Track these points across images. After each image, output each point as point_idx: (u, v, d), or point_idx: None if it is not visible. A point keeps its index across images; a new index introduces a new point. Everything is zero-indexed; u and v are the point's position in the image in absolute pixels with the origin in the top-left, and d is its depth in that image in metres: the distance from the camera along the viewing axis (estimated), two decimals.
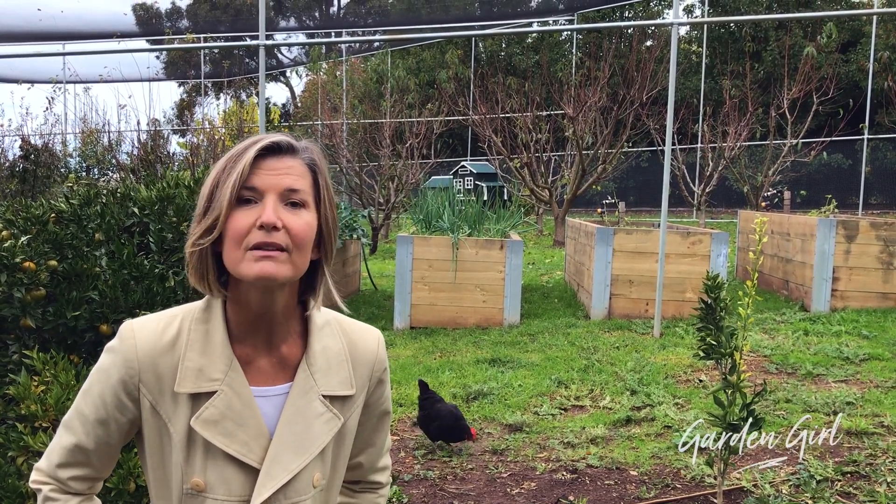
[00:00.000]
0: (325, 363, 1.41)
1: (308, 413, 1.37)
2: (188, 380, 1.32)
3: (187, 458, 1.33)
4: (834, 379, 5.67)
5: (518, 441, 4.70)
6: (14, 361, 2.48)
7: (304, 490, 1.37)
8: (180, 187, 2.87)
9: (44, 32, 18.79)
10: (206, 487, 1.33)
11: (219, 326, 1.35)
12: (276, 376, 1.39)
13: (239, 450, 1.33)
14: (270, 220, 1.27)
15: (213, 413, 1.32)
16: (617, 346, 6.86)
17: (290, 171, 1.32)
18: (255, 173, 1.30)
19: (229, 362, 1.34)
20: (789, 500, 3.77)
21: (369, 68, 27.12)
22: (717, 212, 21.94)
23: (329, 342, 1.43)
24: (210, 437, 1.31)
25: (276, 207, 1.29)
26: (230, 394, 1.33)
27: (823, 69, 15.66)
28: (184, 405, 1.33)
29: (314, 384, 1.39)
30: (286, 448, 1.35)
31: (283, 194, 1.30)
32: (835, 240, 7.87)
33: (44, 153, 11.32)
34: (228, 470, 1.33)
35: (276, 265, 1.27)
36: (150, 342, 1.34)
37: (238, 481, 1.34)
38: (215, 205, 1.30)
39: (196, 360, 1.33)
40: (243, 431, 1.33)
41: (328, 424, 1.39)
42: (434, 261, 7.79)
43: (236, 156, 1.31)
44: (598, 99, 14.64)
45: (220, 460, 1.33)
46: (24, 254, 2.50)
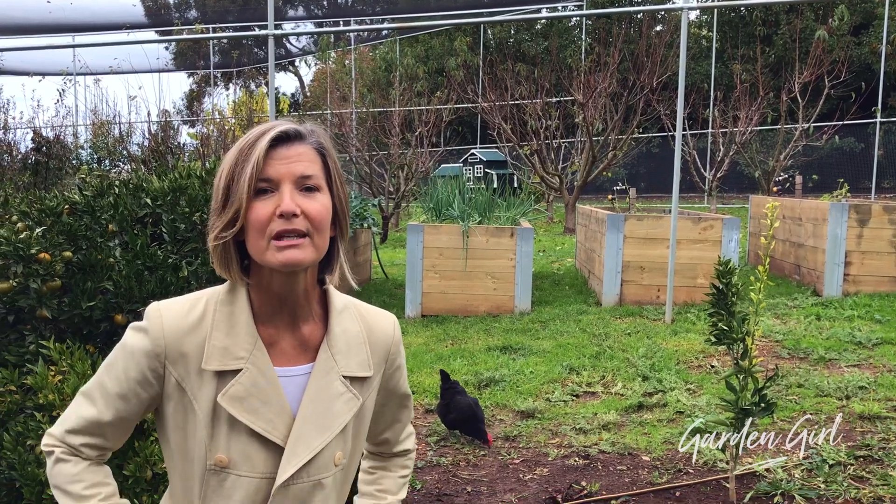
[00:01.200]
0: (345, 345, 1.45)
1: (329, 392, 1.42)
2: (214, 358, 1.36)
3: (212, 434, 1.36)
4: (846, 363, 5.66)
5: (530, 427, 4.72)
6: (31, 352, 2.51)
7: (325, 468, 1.41)
8: (192, 178, 2.89)
9: (54, 25, 18.84)
10: (229, 464, 1.36)
11: (244, 308, 1.39)
12: (297, 357, 1.43)
13: (264, 427, 1.36)
14: (290, 209, 1.31)
15: (238, 390, 1.35)
16: (628, 332, 6.86)
17: (301, 158, 1.36)
18: (268, 164, 1.33)
19: (254, 342, 1.38)
20: (802, 484, 3.77)
21: (378, 57, 27.10)
22: (729, 197, 21.85)
23: (348, 325, 1.47)
24: (236, 413, 1.35)
25: (293, 194, 1.33)
26: (255, 372, 1.37)
27: (835, 52, 15.54)
28: (209, 382, 1.36)
29: (335, 365, 1.43)
30: (309, 426, 1.39)
31: (297, 181, 1.34)
32: (847, 224, 7.84)
33: (55, 145, 11.37)
34: (252, 447, 1.36)
35: (300, 251, 1.32)
36: (175, 321, 1.38)
37: (261, 458, 1.37)
38: (233, 198, 1.33)
39: (221, 339, 1.37)
40: (268, 409, 1.37)
41: (348, 404, 1.44)
42: (444, 249, 7.80)
43: (248, 148, 1.34)
44: (608, 85, 14.59)
45: (244, 437, 1.36)
46: (39, 245, 2.53)
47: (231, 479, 1.37)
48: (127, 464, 2.30)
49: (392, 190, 15.12)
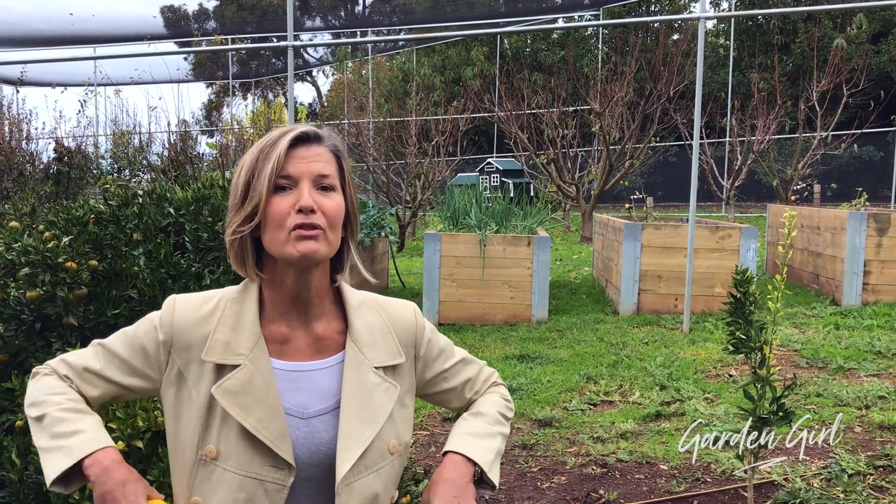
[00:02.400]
0: (370, 337, 1.49)
1: (366, 385, 1.45)
2: (215, 351, 1.41)
3: (205, 426, 1.40)
4: (865, 373, 5.63)
5: (548, 436, 4.73)
6: None
7: (382, 457, 1.45)
8: (215, 188, 2.93)
9: (76, 36, 19.08)
10: (217, 456, 1.39)
11: (251, 307, 1.45)
12: (312, 354, 1.47)
13: (254, 424, 1.38)
14: (308, 204, 1.37)
15: (233, 384, 1.39)
16: (646, 341, 6.86)
17: (319, 158, 1.42)
18: (288, 162, 1.40)
19: (256, 340, 1.42)
20: (820, 493, 3.76)
21: (395, 67, 27.22)
22: (747, 206, 21.76)
23: (368, 318, 1.52)
24: (228, 406, 1.38)
25: (311, 191, 1.39)
26: (252, 369, 1.40)
27: (853, 60, 15.48)
28: (208, 374, 1.41)
29: (364, 358, 1.47)
30: (354, 421, 1.43)
31: (315, 179, 1.41)
32: (866, 233, 7.81)
33: (77, 155, 11.50)
34: (240, 443, 1.39)
35: (316, 243, 1.38)
36: (187, 313, 1.45)
37: (247, 456, 1.39)
38: (253, 193, 1.39)
39: (226, 334, 1.42)
40: (260, 408, 1.39)
41: (387, 393, 1.48)
42: (462, 258, 7.83)
43: (269, 146, 1.41)
44: (625, 94, 14.59)
45: (233, 433, 1.39)
46: (66, 254, 2.58)
47: (218, 473, 1.39)
48: (150, 469, 2.34)
49: (409, 199, 15.17)
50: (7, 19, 18.63)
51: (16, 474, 2.39)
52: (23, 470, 2.40)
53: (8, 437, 2.50)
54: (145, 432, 2.35)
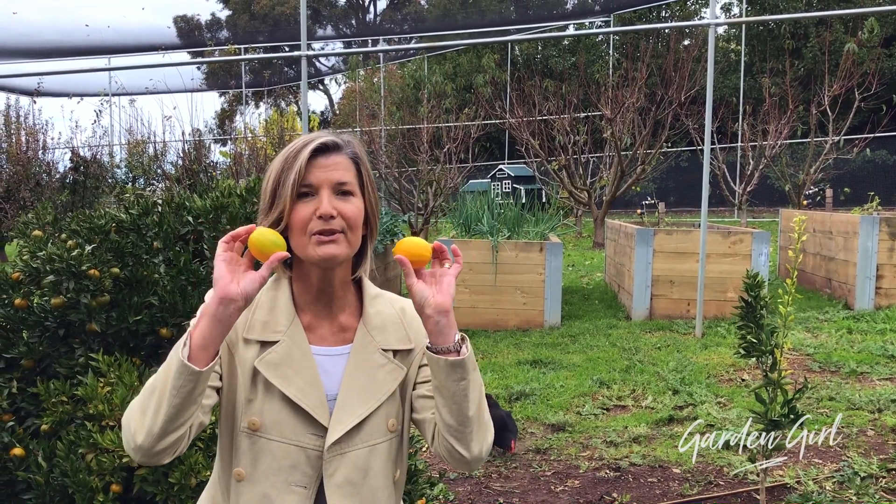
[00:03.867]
0: (381, 323, 1.60)
1: (370, 365, 1.56)
2: (255, 329, 1.54)
3: (249, 399, 1.51)
4: (878, 377, 5.64)
5: (561, 440, 4.76)
6: (81, 364, 2.61)
7: (379, 434, 1.54)
8: (233, 196, 2.99)
9: (91, 47, 19.26)
10: (261, 427, 1.50)
11: (285, 293, 1.58)
12: (336, 340, 1.58)
13: (295, 393, 1.50)
14: (327, 211, 1.48)
15: (274, 357, 1.51)
16: (658, 346, 6.88)
17: (338, 166, 1.52)
18: (309, 171, 1.50)
19: (292, 319, 1.55)
20: (833, 496, 3.78)
21: (406, 74, 27.29)
22: (759, 211, 21.71)
23: (382, 308, 1.62)
24: (270, 376, 1.50)
25: (331, 199, 1.50)
26: (290, 343, 1.53)
27: (865, 64, 15.44)
28: (252, 350, 1.53)
29: (372, 339, 1.57)
30: (353, 395, 1.53)
31: (334, 187, 1.51)
32: (878, 237, 7.80)
33: (92, 165, 11.62)
34: (283, 413, 1.50)
35: (336, 246, 1.49)
36: None
37: (290, 425, 1.50)
38: (279, 201, 1.50)
39: (263, 315, 1.55)
40: (299, 378, 1.51)
41: (392, 374, 1.57)
42: (474, 264, 7.87)
43: (292, 157, 1.51)
44: (636, 100, 14.61)
45: (276, 402, 1.50)
46: (89, 262, 2.64)
47: (261, 443, 1.50)
48: (172, 472, 2.39)
49: (421, 206, 15.23)
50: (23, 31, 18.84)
51: (42, 477, 2.45)
52: (49, 473, 2.46)
53: (34, 440, 2.56)
54: None
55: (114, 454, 2.36)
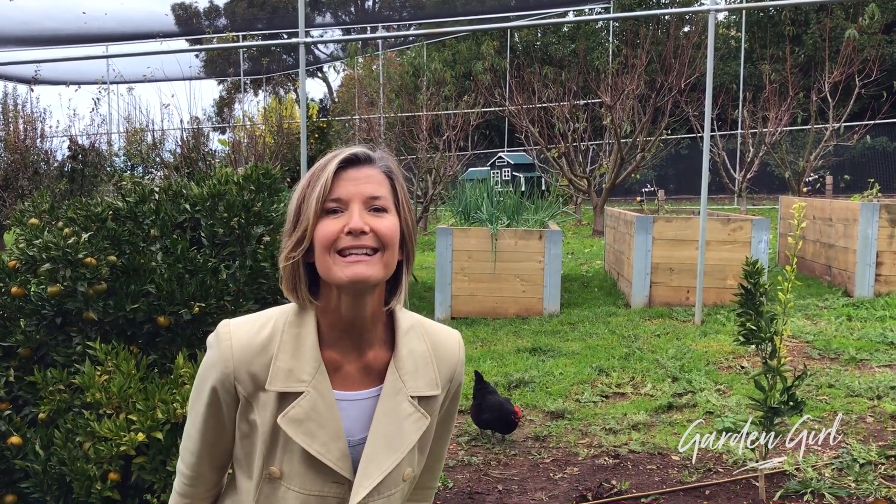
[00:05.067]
0: (413, 366, 1.48)
1: (399, 413, 1.46)
2: (279, 379, 1.41)
3: (269, 449, 1.43)
4: (878, 364, 5.64)
5: (560, 428, 4.77)
6: (78, 352, 2.61)
7: (395, 484, 1.47)
8: (230, 184, 2.98)
9: (89, 35, 19.18)
10: (282, 476, 1.43)
11: (310, 331, 1.43)
12: (361, 382, 1.47)
13: (319, 450, 1.41)
14: (358, 227, 1.35)
15: (298, 413, 1.40)
16: (658, 333, 6.88)
17: (370, 180, 1.40)
18: (337, 184, 1.38)
19: (317, 366, 1.42)
20: (832, 483, 3.78)
21: (405, 62, 27.22)
22: (759, 198, 21.69)
23: (415, 345, 1.50)
24: (294, 434, 1.40)
25: (362, 213, 1.37)
26: (315, 396, 1.41)
27: (866, 51, 15.38)
28: (271, 402, 1.41)
29: (403, 386, 1.46)
30: (380, 448, 1.44)
31: (366, 201, 1.38)
32: (878, 224, 7.79)
33: (91, 153, 11.60)
34: (304, 466, 1.42)
35: (367, 266, 1.36)
36: (244, 342, 1.43)
37: (311, 477, 1.43)
38: (303, 217, 1.38)
39: (287, 361, 1.41)
40: (324, 433, 1.41)
41: (417, 424, 1.48)
42: (473, 252, 7.86)
43: (319, 170, 1.40)
44: (636, 87, 14.56)
45: (297, 456, 1.42)
46: (85, 250, 2.63)
47: (282, 491, 1.44)
48: (171, 459, 2.39)
49: (420, 194, 15.21)
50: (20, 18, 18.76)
51: (39, 465, 2.45)
52: (46, 461, 2.46)
53: (31, 429, 2.55)
54: (165, 424, 2.41)
55: (111, 442, 2.35)
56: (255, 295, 2.79)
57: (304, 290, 1.42)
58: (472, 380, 4.78)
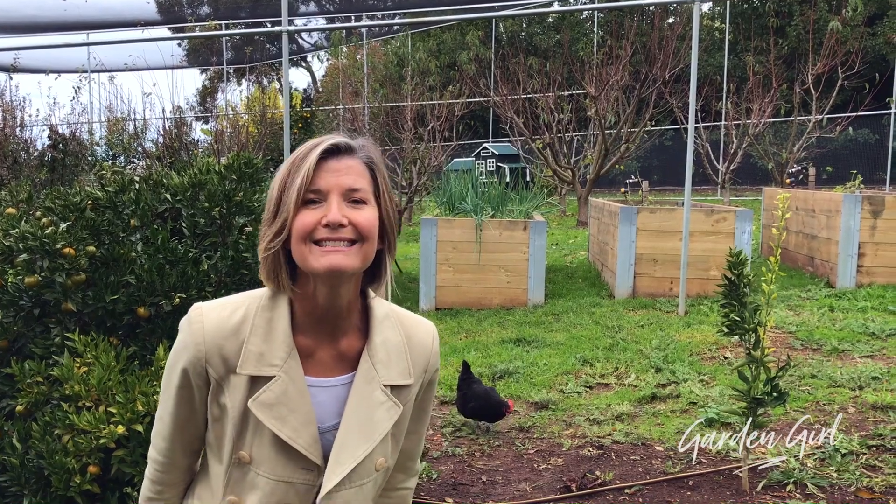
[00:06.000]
0: (386, 355, 1.48)
1: (371, 402, 1.46)
2: (250, 363, 1.41)
3: (239, 433, 1.43)
4: (860, 354, 5.67)
5: (544, 418, 4.77)
6: (57, 344, 2.57)
7: (367, 474, 1.47)
8: (211, 173, 2.94)
9: (69, 22, 18.96)
10: (251, 461, 1.43)
11: (283, 316, 1.43)
12: (334, 368, 1.48)
13: (290, 434, 1.41)
14: (336, 220, 1.36)
15: (269, 397, 1.40)
16: (641, 324, 6.89)
17: (351, 171, 1.40)
18: (318, 175, 1.38)
19: (289, 351, 1.42)
20: (814, 473, 3.80)
21: (390, 51, 27.12)
22: (742, 189, 21.78)
23: (389, 334, 1.50)
24: (264, 418, 1.40)
25: (341, 206, 1.37)
26: (287, 380, 1.41)
27: (849, 43, 15.45)
28: (242, 385, 1.41)
29: (376, 374, 1.47)
30: (352, 435, 1.44)
31: (345, 193, 1.39)
32: (860, 215, 7.83)
33: (71, 142, 11.46)
34: (274, 450, 1.42)
35: (345, 257, 1.36)
36: (216, 325, 1.43)
37: (281, 462, 1.43)
38: (283, 208, 1.38)
39: (259, 345, 1.41)
40: (295, 418, 1.41)
41: (389, 412, 1.48)
42: (458, 242, 7.84)
43: (300, 160, 1.39)
44: (621, 78, 14.56)
45: (266, 441, 1.42)
46: (63, 240, 2.59)
47: (251, 475, 1.44)
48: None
49: (405, 184, 15.16)
50: None
51: (17, 458, 2.42)
52: (24, 454, 2.42)
53: (8, 422, 2.52)
54: (145, 416, 2.37)
55: (91, 435, 2.32)
56: (237, 286, 2.75)
57: (285, 277, 1.42)
58: (456, 370, 4.78)
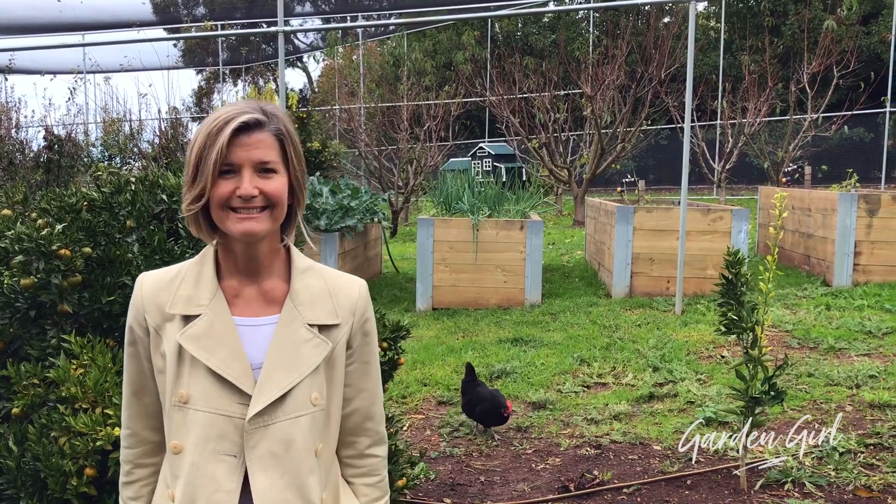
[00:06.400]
0: (309, 298, 1.61)
1: (295, 339, 1.57)
2: (179, 304, 1.57)
3: (177, 373, 1.55)
4: (856, 353, 5.68)
5: (542, 418, 4.76)
6: (53, 346, 2.55)
7: (301, 406, 1.56)
8: None
9: (64, 24, 18.91)
10: (188, 399, 1.54)
11: (209, 266, 1.60)
12: (262, 309, 1.60)
13: (218, 364, 1.53)
14: (247, 192, 1.50)
15: (196, 330, 1.55)
16: (638, 323, 6.89)
17: (260, 145, 1.52)
18: (231, 150, 1.51)
19: (214, 291, 1.58)
20: (812, 472, 3.80)
21: (386, 51, 27.09)
22: (738, 188, 21.80)
23: (311, 282, 1.63)
24: (193, 350, 1.53)
25: (252, 178, 1.51)
26: (212, 316, 1.56)
27: (844, 42, 15.48)
28: (176, 326, 1.56)
29: (299, 314, 1.59)
30: (277, 369, 1.55)
31: (255, 166, 1.52)
32: (856, 214, 7.84)
33: (67, 143, 11.43)
34: (208, 384, 1.53)
35: (257, 223, 1.52)
36: (153, 281, 1.62)
37: (216, 395, 1.53)
38: (201, 178, 1.51)
39: (188, 290, 1.58)
40: (223, 350, 1.54)
41: (317, 348, 1.58)
42: (455, 242, 7.84)
43: (215, 132, 1.51)
44: (616, 77, 14.58)
45: (201, 375, 1.53)
46: (59, 241, 2.57)
47: (191, 415, 1.53)
48: None
49: (401, 184, 15.16)
50: None
51: (13, 461, 2.40)
52: (20, 457, 2.41)
53: (4, 424, 2.50)
54: None
55: (87, 437, 2.31)
56: None
57: (206, 230, 1.58)
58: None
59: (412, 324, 6.92)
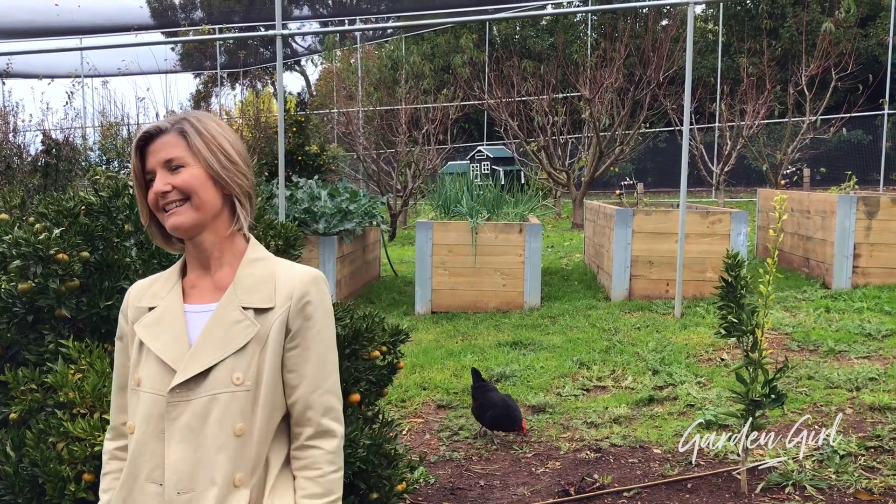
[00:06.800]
0: (252, 284, 1.69)
1: (227, 320, 1.66)
2: (146, 298, 1.74)
3: (136, 359, 1.69)
4: (856, 355, 5.67)
5: (541, 422, 4.75)
6: (51, 351, 2.54)
7: (221, 384, 1.62)
8: None
9: (61, 27, 18.90)
10: (140, 382, 1.66)
11: (177, 266, 1.77)
12: (211, 296, 1.71)
13: (161, 348, 1.65)
14: (159, 189, 1.65)
15: (149, 319, 1.70)
16: (638, 326, 6.88)
17: (164, 146, 1.67)
18: (146, 161, 1.68)
19: (173, 285, 1.73)
20: (813, 475, 3.79)
21: (384, 55, 27.09)
22: (737, 191, 21.81)
23: (256, 270, 1.72)
24: (142, 336, 1.68)
25: (164, 177, 1.65)
26: (165, 306, 1.70)
27: (842, 44, 15.48)
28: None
29: (236, 298, 1.68)
30: (203, 347, 1.64)
31: (164, 165, 1.66)
32: (855, 216, 7.84)
33: (65, 147, 11.42)
34: (154, 367, 1.65)
35: (179, 216, 1.65)
36: (138, 286, 1.79)
37: (158, 377, 1.64)
38: (136, 193, 1.72)
39: (157, 287, 1.75)
40: (167, 335, 1.66)
41: (245, 330, 1.65)
42: (453, 246, 7.83)
43: (132, 151, 1.72)
44: (615, 80, 14.58)
45: (151, 361, 1.66)
46: (57, 246, 2.56)
47: (140, 396, 1.65)
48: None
49: (400, 188, 15.15)
50: None
51: (11, 467, 2.39)
52: (17, 463, 2.40)
53: (2, 430, 2.49)
54: None
55: (85, 443, 2.30)
56: None
57: (161, 241, 1.76)
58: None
59: (411, 327, 6.91)
